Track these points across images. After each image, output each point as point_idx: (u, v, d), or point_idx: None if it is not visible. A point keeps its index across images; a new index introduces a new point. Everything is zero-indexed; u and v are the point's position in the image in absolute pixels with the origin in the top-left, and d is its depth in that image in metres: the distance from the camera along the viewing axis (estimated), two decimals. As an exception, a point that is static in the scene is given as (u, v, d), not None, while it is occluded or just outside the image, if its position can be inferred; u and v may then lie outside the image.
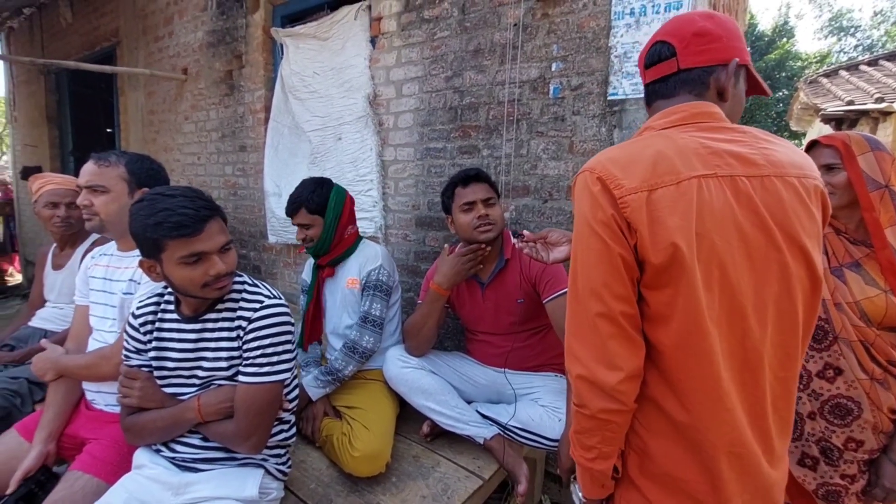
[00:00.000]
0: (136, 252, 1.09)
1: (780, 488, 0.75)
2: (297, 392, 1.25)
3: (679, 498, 0.73)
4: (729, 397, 0.68)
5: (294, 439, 1.27)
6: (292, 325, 1.14)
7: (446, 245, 1.65)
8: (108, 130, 5.04)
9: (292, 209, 1.74)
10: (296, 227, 1.78)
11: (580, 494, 0.84)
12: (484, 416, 1.59)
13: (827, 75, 6.62)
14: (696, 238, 0.66)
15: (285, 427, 1.22)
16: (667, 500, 0.74)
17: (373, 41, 2.40)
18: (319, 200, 1.71)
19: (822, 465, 1.15)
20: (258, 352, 1.07)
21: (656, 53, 0.81)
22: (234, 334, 1.10)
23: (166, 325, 1.13)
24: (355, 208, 2.51)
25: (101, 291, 1.35)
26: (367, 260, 1.74)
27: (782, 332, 0.71)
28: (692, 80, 0.77)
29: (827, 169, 1.18)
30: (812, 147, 1.23)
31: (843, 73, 6.47)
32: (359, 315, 1.68)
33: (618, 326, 0.70)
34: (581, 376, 0.72)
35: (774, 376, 0.72)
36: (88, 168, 1.34)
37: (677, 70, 0.78)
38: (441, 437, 1.63)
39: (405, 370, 1.60)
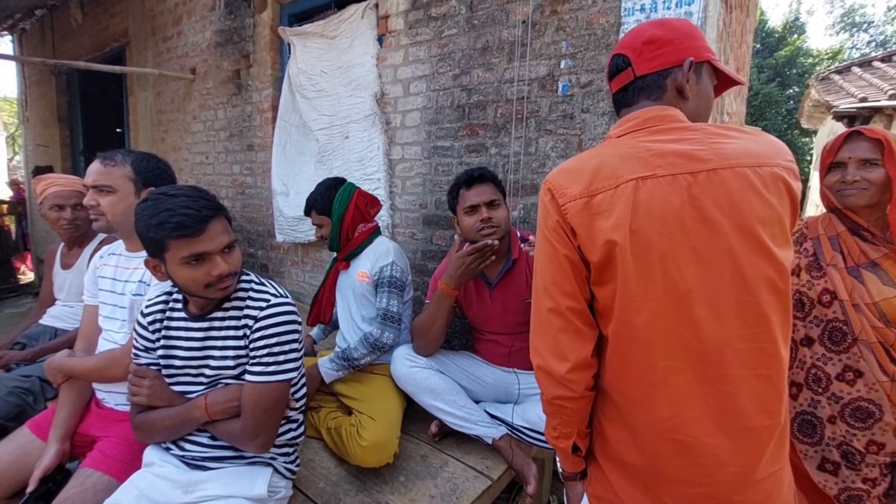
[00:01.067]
0: (145, 253, 1.09)
1: (757, 491, 0.72)
2: (304, 391, 1.25)
3: (630, 479, 0.80)
4: (665, 384, 0.72)
5: (302, 438, 1.27)
6: (299, 323, 1.14)
7: (456, 237, 1.64)
8: (118, 130, 5.09)
9: (306, 211, 1.88)
10: (305, 227, 1.87)
11: (559, 467, 0.94)
12: (492, 416, 1.58)
13: (839, 72, 6.52)
14: (631, 234, 0.71)
15: (293, 426, 1.21)
16: (621, 480, 0.81)
17: (380, 39, 2.40)
18: (325, 202, 1.81)
19: (843, 470, 1.12)
20: (265, 350, 1.07)
21: (614, 66, 0.86)
22: (240, 333, 1.09)
23: (174, 324, 1.13)
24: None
25: (110, 292, 1.36)
26: (378, 256, 1.76)
27: (749, 326, 0.70)
28: (648, 85, 0.82)
29: (864, 163, 1.14)
30: (849, 137, 1.17)
31: (855, 69, 6.36)
32: (378, 313, 1.71)
33: (566, 320, 0.78)
34: (539, 366, 0.81)
35: (754, 373, 0.70)
36: (94, 168, 1.32)
37: (634, 78, 0.83)
38: (449, 436, 1.63)
39: (413, 370, 1.59)
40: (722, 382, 0.70)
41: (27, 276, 6.08)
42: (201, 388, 1.12)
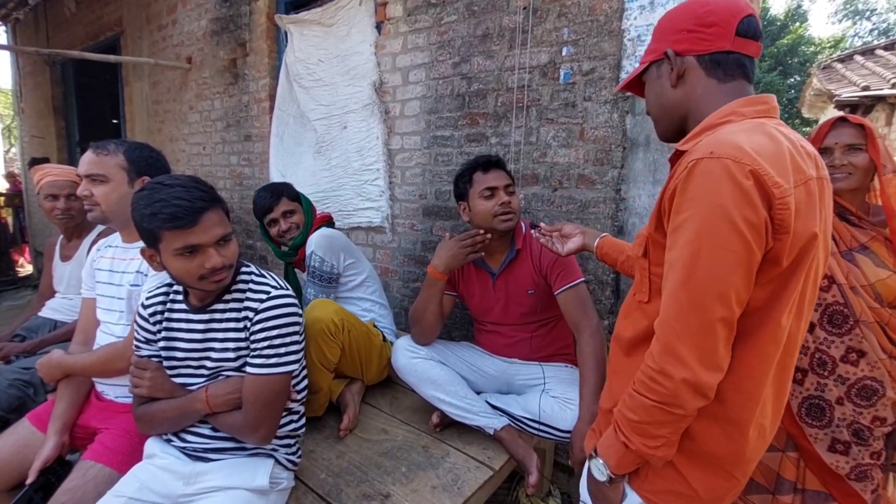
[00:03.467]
0: (141, 243, 1.08)
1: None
2: (305, 382, 1.24)
3: (708, 468, 0.76)
4: (767, 376, 0.73)
5: (304, 429, 1.27)
6: (300, 315, 1.13)
7: (447, 234, 1.63)
8: (114, 121, 5.05)
9: (273, 199, 1.84)
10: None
11: (606, 471, 0.78)
12: (494, 407, 1.57)
13: (841, 60, 6.48)
14: (821, 235, 0.69)
15: (294, 418, 1.21)
16: (697, 472, 0.76)
17: (378, 27, 2.36)
18: (292, 190, 1.85)
19: (853, 448, 1.16)
20: (265, 343, 1.06)
21: (752, 28, 0.73)
22: (241, 325, 1.09)
23: (175, 316, 1.12)
24: (362, 197, 2.52)
25: (108, 284, 1.35)
26: (308, 245, 1.81)
27: (806, 320, 0.76)
28: (746, 65, 0.75)
29: (849, 148, 1.20)
30: (834, 124, 1.24)
31: (858, 57, 6.32)
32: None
33: (731, 330, 0.67)
34: (686, 380, 0.66)
35: (793, 359, 0.78)
36: (87, 157, 1.32)
37: (746, 52, 0.75)
38: (451, 427, 1.63)
39: (414, 360, 1.59)
40: (788, 369, 0.77)
41: (25, 268, 6.07)
42: (202, 380, 1.12)
